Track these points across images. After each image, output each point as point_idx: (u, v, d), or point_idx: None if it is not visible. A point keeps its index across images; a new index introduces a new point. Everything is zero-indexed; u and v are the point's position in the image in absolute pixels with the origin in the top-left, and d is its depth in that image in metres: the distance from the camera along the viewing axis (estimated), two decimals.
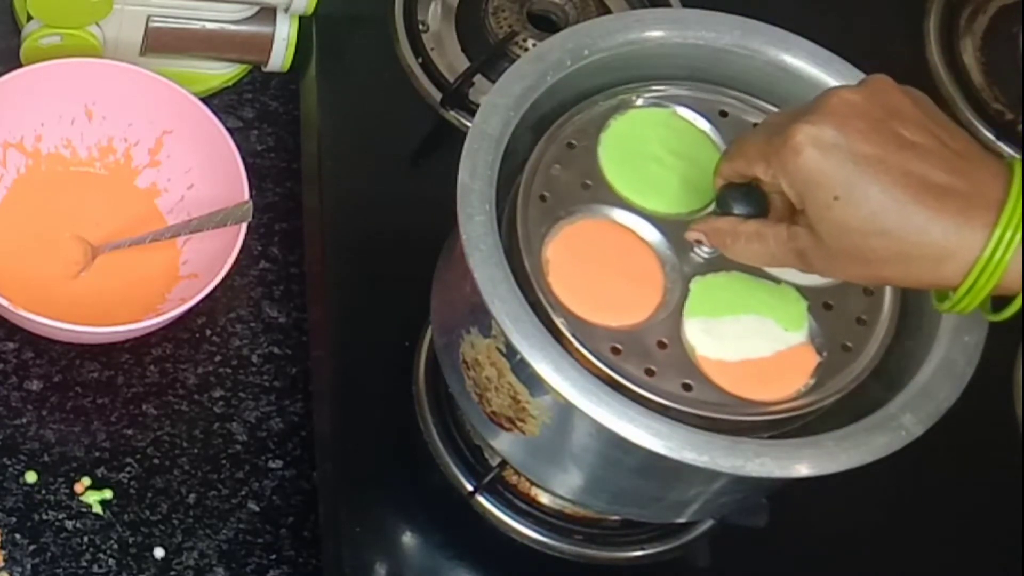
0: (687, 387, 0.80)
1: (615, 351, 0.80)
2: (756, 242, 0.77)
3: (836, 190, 0.72)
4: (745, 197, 0.79)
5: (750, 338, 0.82)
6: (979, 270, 0.71)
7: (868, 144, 0.72)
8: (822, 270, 0.76)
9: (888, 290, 0.84)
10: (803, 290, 0.84)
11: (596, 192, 0.85)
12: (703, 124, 0.88)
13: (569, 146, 0.86)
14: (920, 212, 0.71)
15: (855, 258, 0.73)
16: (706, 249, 0.83)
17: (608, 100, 0.87)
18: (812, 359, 0.82)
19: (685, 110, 0.88)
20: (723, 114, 0.88)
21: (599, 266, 0.83)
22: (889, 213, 0.71)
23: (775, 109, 0.89)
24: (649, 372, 0.80)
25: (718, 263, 0.83)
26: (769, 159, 0.74)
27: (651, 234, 0.84)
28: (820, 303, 0.83)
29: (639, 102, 0.88)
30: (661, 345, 0.81)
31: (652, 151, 0.86)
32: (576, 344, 0.79)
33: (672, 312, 0.82)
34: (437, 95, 1.11)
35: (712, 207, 0.84)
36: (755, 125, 0.88)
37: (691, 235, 0.81)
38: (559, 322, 0.79)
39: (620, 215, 0.84)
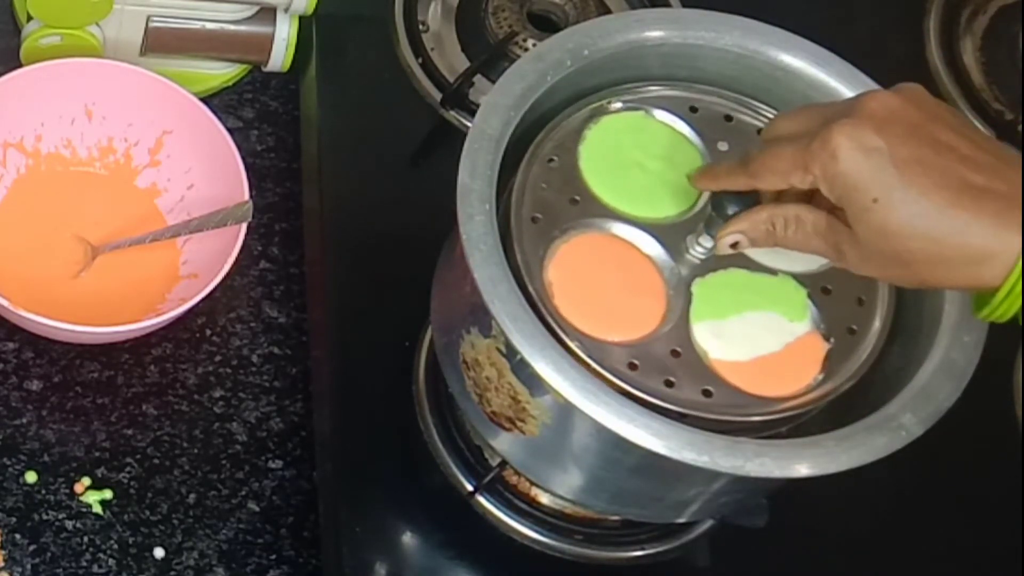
0: (707, 393, 0.80)
1: (632, 367, 0.80)
2: (794, 226, 0.77)
3: (875, 192, 0.71)
4: (739, 198, 0.80)
5: (758, 335, 0.82)
6: (1019, 271, 0.70)
7: (907, 147, 0.71)
8: (858, 267, 0.75)
9: None
10: (800, 278, 0.84)
11: (585, 207, 0.85)
12: (676, 123, 0.88)
13: (550, 163, 0.86)
14: (959, 215, 0.70)
15: (893, 260, 0.73)
16: (701, 250, 0.83)
17: (580, 111, 0.87)
18: (821, 347, 0.82)
19: (657, 111, 0.88)
20: (693, 110, 0.88)
21: (601, 281, 0.83)
22: (928, 216, 0.71)
23: (752, 102, 0.89)
24: (668, 383, 0.80)
25: (714, 263, 0.83)
26: (808, 165, 0.73)
27: (645, 241, 0.84)
28: (819, 288, 0.84)
29: (612, 108, 0.88)
30: (675, 354, 0.81)
31: (632, 157, 0.86)
32: (595, 366, 0.79)
33: (679, 319, 0.82)
34: (437, 95, 1.11)
35: (700, 206, 0.85)
36: (726, 117, 0.88)
37: (727, 240, 0.79)
38: (574, 346, 0.79)
39: (612, 227, 0.84)
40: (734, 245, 0.79)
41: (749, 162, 0.78)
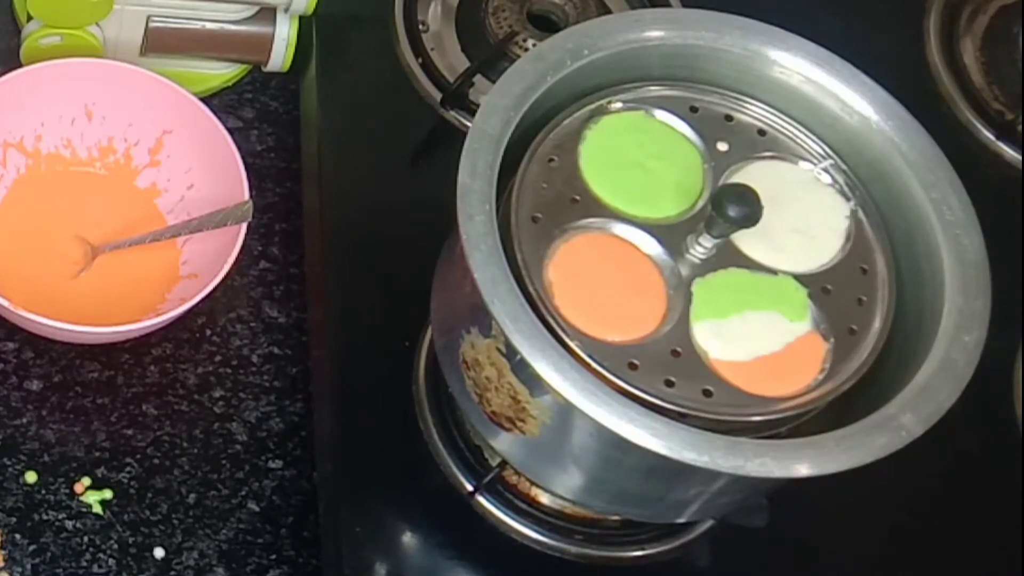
0: (707, 393, 0.80)
1: (632, 367, 0.80)
2: None
3: None
4: (740, 199, 0.80)
5: (759, 335, 0.82)
6: None
7: None
8: None
9: (883, 266, 0.85)
10: (801, 278, 0.84)
11: (586, 207, 0.85)
12: (676, 123, 0.88)
13: (550, 163, 0.86)
14: None
15: None
16: (701, 250, 0.83)
17: (580, 111, 0.87)
18: (821, 346, 0.83)
19: (657, 111, 0.88)
20: (693, 110, 0.88)
21: (601, 281, 0.83)
22: None
23: (752, 102, 0.89)
24: (669, 383, 0.80)
25: (715, 262, 0.83)
26: None
27: (645, 241, 0.84)
28: (819, 288, 0.84)
29: (612, 108, 0.88)
30: (675, 354, 0.81)
31: (632, 157, 0.87)
32: (595, 366, 0.79)
33: (680, 319, 0.82)
34: (437, 95, 1.11)
35: (700, 206, 0.85)
36: (726, 117, 0.89)
37: None
38: (574, 345, 0.79)
39: (612, 227, 0.84)
40: None
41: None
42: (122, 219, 1.04)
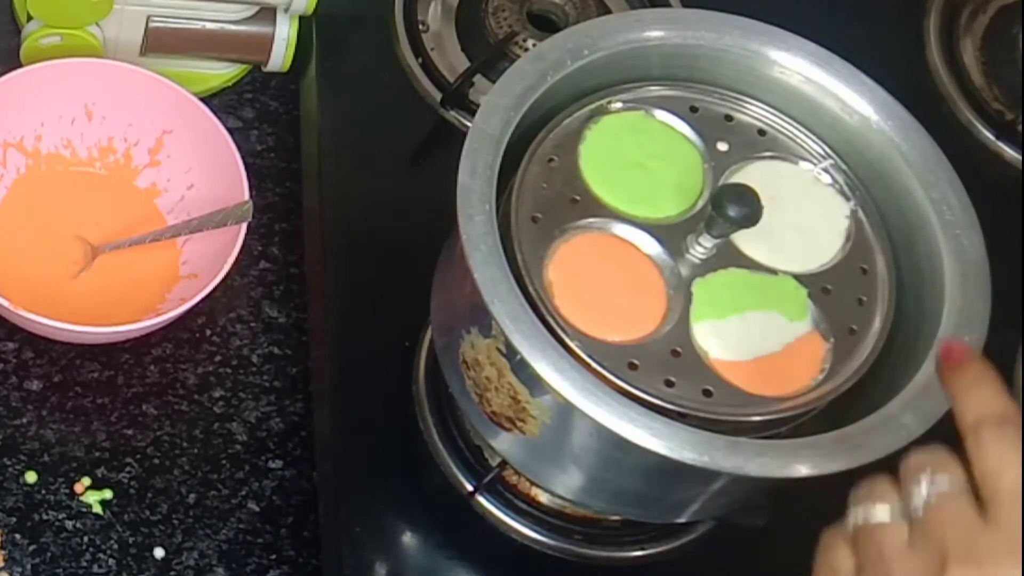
0: (707, 393, 0.80)
1: (632, 367, 0.80)
2: None
3: None
4: (740, 199, 0.80)
5: (759, 335, 0.82)
6: None
7: None
8: None
9: (883, 266, 0.85)
10: (801, 278, 0.84)
11: (586, 207, 0.85)
12: (676, 123, 0.88)
13: (550, 163, 0.86)
14: None
15: None
16: (701, 250, 0.83)
17: (580, 111, 0.87)
18: (821, 346, 0.83)
19: (657, 111, 0.88)
20: (693, 110, 0.89)
21: (601, 281, 0.83)
22: None
23: (752, 102, 0.89)
24: (669, 383, 0.80)
25: (715, 262, 0.83)
26: None
27: (645, 241, 0.84)
28: (819, 288, 0.84)
29: (612, 108, 0.88)
30: (675, 354, 0.81)
31: (632, 157, 0.87)
32: (595, 366, 0.79)
33: (680, 319, 0.82)
34: (437, 95, 1.11)
35: (700, 206, 0.85)
36: (726, 117, 0.89)
37: None
38: (574, 345, 0.79)
39: (612, 227, 0.84)
40: None
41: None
42: (122, 219, 1.04)
